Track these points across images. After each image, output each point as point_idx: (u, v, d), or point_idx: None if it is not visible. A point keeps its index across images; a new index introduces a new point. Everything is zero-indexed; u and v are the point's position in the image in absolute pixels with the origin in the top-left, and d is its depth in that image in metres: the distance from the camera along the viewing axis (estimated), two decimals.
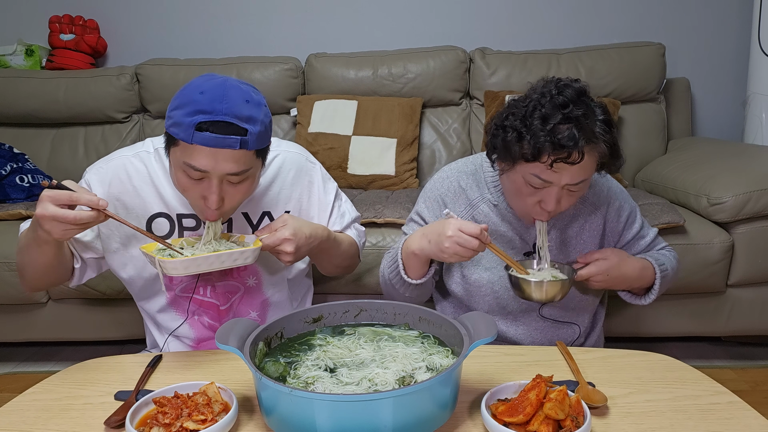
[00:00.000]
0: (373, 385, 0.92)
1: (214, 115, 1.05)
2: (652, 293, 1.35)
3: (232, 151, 1.08)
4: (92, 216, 1.05)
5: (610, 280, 1.27)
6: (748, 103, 2.57)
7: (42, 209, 1.03)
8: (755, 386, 1.96)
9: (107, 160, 1.31)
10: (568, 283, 1.23)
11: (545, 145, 1.10)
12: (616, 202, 1.36)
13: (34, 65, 2.86)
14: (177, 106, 1.08)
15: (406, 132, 2.50)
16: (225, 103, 1.06)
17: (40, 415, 1.00)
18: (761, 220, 1.91)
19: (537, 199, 1.20)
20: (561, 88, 1.14)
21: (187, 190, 1.15)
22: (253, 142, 1.09)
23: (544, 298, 1.23)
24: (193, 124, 1.05)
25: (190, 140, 1.06)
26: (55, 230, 1.05)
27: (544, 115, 1.12)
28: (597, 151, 1.15)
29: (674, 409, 0.97)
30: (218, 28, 2.93)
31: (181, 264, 1.10)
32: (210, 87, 1.08)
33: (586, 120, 1.11)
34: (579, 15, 2.87)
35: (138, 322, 1.49)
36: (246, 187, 1.17)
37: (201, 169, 1.09)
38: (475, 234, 1.15)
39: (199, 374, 1.12)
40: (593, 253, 1.28)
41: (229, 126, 1.06)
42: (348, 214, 1.46)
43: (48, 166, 2.65)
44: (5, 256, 1.95)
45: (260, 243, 1.19)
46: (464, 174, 1.37)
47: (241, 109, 1.07)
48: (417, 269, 1.30)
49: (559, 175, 1.14)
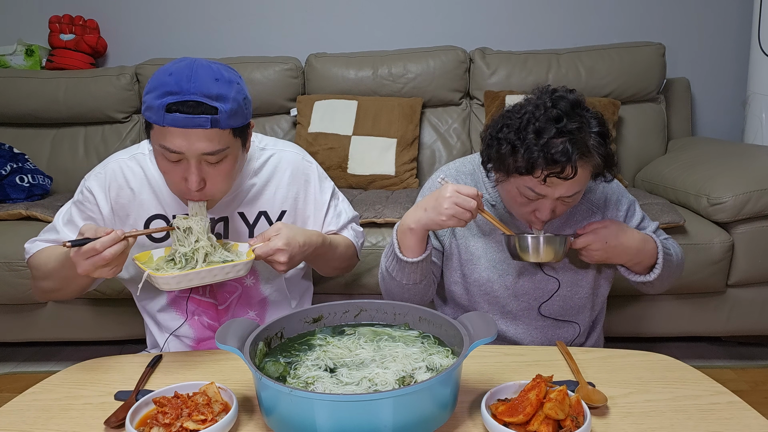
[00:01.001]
0: (373, 385, 0.92)
1: (182, 95, 1.06)
2: (656, 269, 1.30)
3: (204, 131, 1.08)
4: (122, 247, 1.07)
5: (609, 250, 1.25)
6: (748, 103, 2.57)
7: (81, 268, 1.07)
8: (755, 386, 1.96)
9: (104, 164, 1.31)
10: (564, 240, 1.22)
11: (538, 161, 1.10)
12: (614, 197, 1.36)
13: (34, 65, 2.86)
14: (148, 90, 1.10)
15: (406, 132, 2.50)
16: (193, 82, 1.07)
17: (40, 415, 1.00)
18: (761, 220, 1.91)
19: (532, 209, 1.21)
20: (556, 100, 1.14)
21: (168, 172, 1.16)
22: (225, 120, 1.09)
23: (540, 256, 1.22)
24: (163, 106, 1.06)
25: (161, 122, 1.07)
26: (105, 274, 1.09)
27: (538, 129, 1.11)
28: (591, 163, 1.15)
29: (674, 409, 0.97)
30: (218, 28, 2.93)
31: (173, 279, 1.10)
32: (178, 68, 1.08)
33: (580, 133, 1.12)
34: (579, 15, 2.87)
35: (138, 322, 1.49)
36: (226, 168, 1.16)
37: (175, 151, 1.09)
38: (472, 194, 1.18)
39: (199, 374, 1.12)
40: (592, 223, 1.27)
41: (199, 105, 1.07)
42: (345, 213, 1.46)
43: (48, 166, 2.65)
44: (5, 256, 1.95)
45: (253, 255, 1.18)
46: (462, 174, 1.38)
47: (210, 88, 1.07)
48: (414, 246, 1.27)
49: (552, 189, 1.15)
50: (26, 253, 1.32)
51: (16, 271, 1.94)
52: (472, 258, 1.35)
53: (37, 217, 2.09)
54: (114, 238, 1.06)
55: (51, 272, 1.24)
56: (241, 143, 1.18)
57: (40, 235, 1.33)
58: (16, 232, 1.99)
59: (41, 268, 1.26)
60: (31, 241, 1.33)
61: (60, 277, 1.22)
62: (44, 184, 2.41)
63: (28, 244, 1.33)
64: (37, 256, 1.29)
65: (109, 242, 1.05)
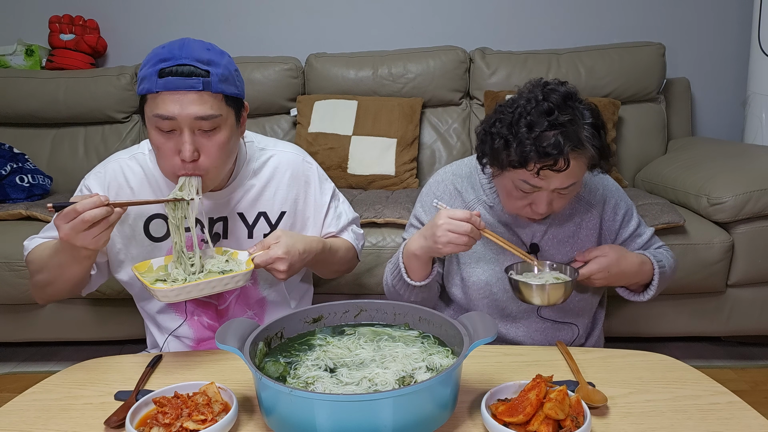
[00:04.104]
0: (373, 385, 0.92)
1: (174, 60, 1.10)
2: (650, 289, 1.33)
3: (197, 93, 1.10)
4: (103, 211, 1.05)
5: (611, 277, 1.27)
6: (748, 103, 2.58)
7: (62, 231, 1.05)
8: (755, 386, 1.96)
9: (104, 164, 1.31)
10: (570, 285, 1.21)
11: (531, 154, 1.11)
12: (612, 200, 1.36)
13: (34, 65, 2.86)
14: (142, 66, 1.14)
15: (406, 132, 2.50)
16: (184, 49, 1.12)
17: (40, 415, 1.00)
18: (761, 220, 1.91)
19: (528, 202, 1.21)
20: (547, 93, 1.14)
21: (161, 147, 1.15)
22: (216, 84, 1.12)
23: (546, 302, 1.20)
24: (156, 72, 1.10)
25: (154, 88, 1.10)
26: (87, 241, 1.06)
27: (530, 122, 1.12)
28: (585, 155, 1.15)
29: (674, 409, 0.97)
30: (218, 28, 2.93)
31: (172, 292, 1.10)
32: (170, 43, 1.14)
33: (572, 126, 1.12)
34: (579, 15, 2.87)
35: (138, 322, 1.49)
36: (220, 140, 1.15)
37: (168, 116, 1.10)
38: (465, 218, 1.17)
39: (199, 374, 1.12)
40: (591, 251, 1.27)
41: (190, 68, 1.10)
42: (345, 215, 1.46)
43: (48, 166, 2.65)
44: (5, 256, 1.95)
45: (252, 264, 1.18)
46: (459, 177, 1.38)
47: (201, 54, 1.12)
48: (419, 271, 1.30)
49: (547, 182, 1.15)
50: (25, 249, 1.32)
51: (16, 271, 1.94)
52: (472, 261, 1.35)
53: (37, 217, 2.09)
54: (95, 201, 1.04)
55: (45, 264, 1.23)
56: (234, 116, 1.19)
57: (40, 233, 1.33)
58: (16, 232, 1.99)
59: (36, 262, 1.26)
60: (30, 239, 1.33)
61: (53, 265, 1.21)
62: (44, 184, 2.41)
63: (27, 242, 1.33)
64: (34, 251, 1.29)
65: (89, 205, 1.04)
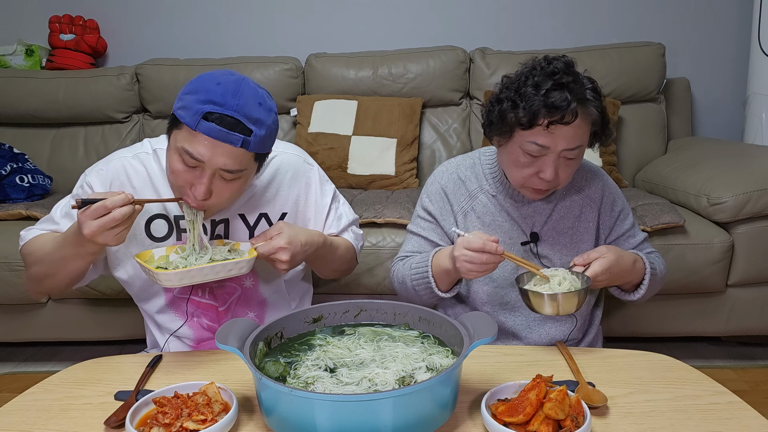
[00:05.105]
0: (373, 385, 0.92)
1: (224, 108, 1.07)
2: (641, 288, 1.34)
3: (231, 148, 1.09)
4: (131, 209, 1.06)
5: (613, 277, 1.27)
6: (748, 103, 2.57)
7: (88, 228, 1.04)
8: (755, 386, 1.96)
9: (106, 161, 1.31)
10: (584, 293, 1.17)
11: (540, 109, 1.16)
12: (610, 196, 1.40)
13: (34, 65, 2.86)
14: (190, 91, 1.10)
15: (406, 132, 2.50)
16: (238, 99, 1.07)
17: (40, 415, 1.00)
18: (761, 220, 1.91)
19: (535, 170, 1.24)
20: (550, 60, 1.23)
21: (178, 174, 1.15)
22: (255, 144, 1.10)
23: (559, 311, 1.16)
24: (202, 112, 1.06)
25: (194, 126, 1.07)
26: (109, 239, 1.07)
27: (536, 82, 1.19)
28: (589, 115, 1.21)
29: (674, 409, 0.97)
30: (218, 28, 2.93)
31: (176, 276, 1.10)
32: (227, 81, 1.09)
33: (576, 85, 1.19)
34: (579, 15, 2.87)
35: (138, 322, 1.49)
36: (236, 187, 1.17)
37: (197, 158, 1.09)
38: (479, 249, 1.16)
39: (199, 374, 1.12)
40: (590, 253, 1.27)
41: (236, 123, 1.07)
42: (345, 216, 1.46)
43: (48, 166, 2.65)
44: (5, 256, 1.95)
45: (255, 252, 1.18)
46: (463, 167, 1.42)
47: (252, 110, 1.09)
48: (448, 284, 1.33)
49: (555, 140, 1.19)
50: (21, 240, 1.32)
51: (16, 271, 1.94)
52: None
53: (37, 217, 2.08)
54: (124, 198, 1.05)
55: (45, 256, 1.23)
56: (257, 168, 1.20)
57: (37, 225, 1.33)
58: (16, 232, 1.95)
59: (34, 254, 1.26)
60: (27, 229, 1.33)
61: (55, 259, 1.21)
62: (44, 184, 2.41)
63: (24, 232, 1.33)
64: (31, 242, 1.29)
65: (119, 202, 1.04)
